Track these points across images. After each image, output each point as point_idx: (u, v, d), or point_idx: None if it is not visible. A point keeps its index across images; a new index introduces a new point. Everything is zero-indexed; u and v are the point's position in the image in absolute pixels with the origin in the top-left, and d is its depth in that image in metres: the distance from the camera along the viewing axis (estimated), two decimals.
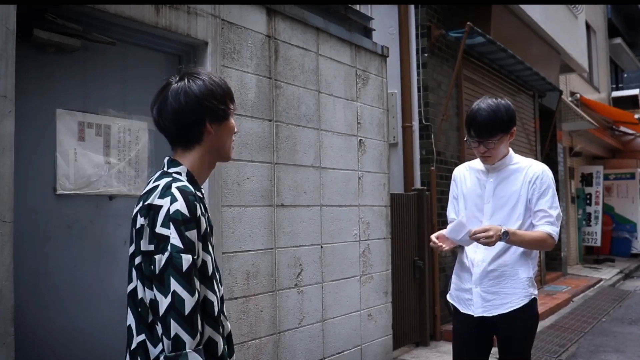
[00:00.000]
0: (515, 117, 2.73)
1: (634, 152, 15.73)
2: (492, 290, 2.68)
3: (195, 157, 1.70)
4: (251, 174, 3.61)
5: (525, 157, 2.84)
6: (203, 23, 3.32)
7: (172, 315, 1.48)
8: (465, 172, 2.91)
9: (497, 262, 2.68)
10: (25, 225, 2.58)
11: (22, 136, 2.51)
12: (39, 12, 2.58)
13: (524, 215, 2.68)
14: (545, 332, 6.48)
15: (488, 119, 2.63)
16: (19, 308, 2.36)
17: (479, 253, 2.72)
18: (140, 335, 1.59)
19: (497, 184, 2.74)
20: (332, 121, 4.32)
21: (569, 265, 11.71)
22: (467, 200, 2.83)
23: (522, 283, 2.67)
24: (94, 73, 2.91)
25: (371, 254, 4.69)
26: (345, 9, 4.66)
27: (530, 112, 9.51)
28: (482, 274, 2.70)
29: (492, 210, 2.72)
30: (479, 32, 6.33)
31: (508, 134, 2.69)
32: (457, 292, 2.84)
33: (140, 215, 1.59)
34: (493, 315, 2.67)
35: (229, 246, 3.41)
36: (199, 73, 1.71)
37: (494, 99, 2.73)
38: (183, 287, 1.50)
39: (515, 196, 2.69)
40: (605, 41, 16.17)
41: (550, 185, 2.68)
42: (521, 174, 2.71)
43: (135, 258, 1.60)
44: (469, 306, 2.75)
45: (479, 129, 2.65)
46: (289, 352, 3.84)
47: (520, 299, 2.66)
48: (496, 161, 2.73)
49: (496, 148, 2.67)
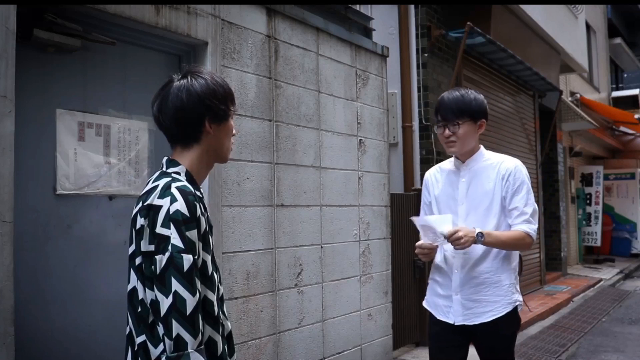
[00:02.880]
0: (486, 110, 2.63)
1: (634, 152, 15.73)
2: (473, 297, 2.56)
3: (194, 157, 1.70)
4: (251, 174, 3.61)
5: (497, 153, 2.72)
6: (203, 23, 3.32)
7: (174, 315, 1.48)
8: (437, 174, 2.80)
9: (478, 268, 2.56)
10: (25, 225, 2.58)
11: (22, 136, 2.52)
12: (39, 12, 2.58)
13: (499, 215, 2.57)
14: (545, 332, 6.49)
15: (454, 100, 2.57)
16: (19, 308, 2.36)
17: (457, 258, 2.60)
18: (141, 336, 1.58)
19: (469, 183, 2.64)
20: (332, 121, 4.32)
21: (569, 265, 11.71)
22: (440, 203, 2.71)
23: (504, 290, 2.55)
24: (94, 73, 2.91)
25: (371, 254, 4.69)
26: (345, 9, 4.66)
27: (530, 112, 9.51)
28: (462, 280, 2.58)
29: (466, 212, 2.61)
30: (479, 32, 6.33)
31: (476, 124, 2.59)
32: (435, 299, 2.71)
33: (140, 216, 1.58)
34: (475, 324, 2.56)
35: (229, 246, 3.41)
36: (201, 72, 1.71)
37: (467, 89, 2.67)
38: (184, 287, 1.49)
39: (490, 195, 2.58)
40: (605, 41, 16.17)
41: (524, 181, 2.57)
42: (494, 171, 2.60)
43: (136, 258, 1.60)
44: (446, 314, 2.63)
45: (444, 110, 2.58)
46: (289, 352, 3.84)
47: (504, 307, 2.54)
48: (462, 150, 2.61)
49: (462, 135, 2.56)
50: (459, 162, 2.69)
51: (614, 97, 16.67)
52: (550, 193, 10.65)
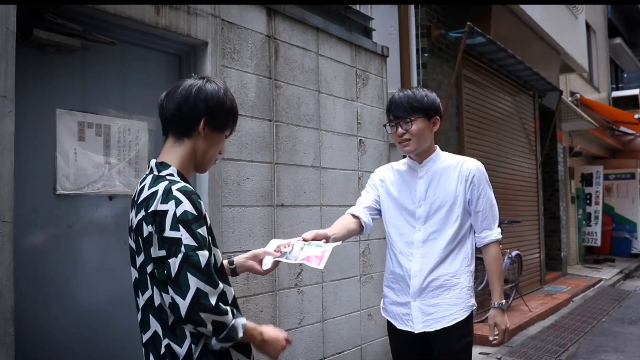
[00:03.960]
0: (439, 107, 2.51)
1: (634, 152, 15.73)
2: (432, 302, 2.45)
3: (183, 154, 1.74)
4: (251, 174, 3.61)
5: (453, 154, 2.62)
6: (203, 23, 3.32)
7: (199, 309, 1.53)
8: (389, 174, 2.65)
9: (437, 271, 2.45)
10: (25, 225, 2.58)
11: (22, 136, 2.52)
12: (39, 12, 2.58)
13: (461, 218, 2.47)
14: (545, 332, 6.49)
15: (405, 97, 2.46)
16: (19, 308, 2.36)
17: (415, 262, 2.48)
18: (166, 339, 1.63)
19: (428, 184, 2.51)
20: (332, 121, 4.32)
21: (569, 265, 11.71)
22: (396, 206, 2.57)
23: (464, 293, 2.47)
24: (94, 73, 2.91)
25: (371, 254, 4.69)
26: (345, 9, 4.66)
27: (530, 112, 9.51)
28: (421, 285, 2.46)
29: (425, 214, 2.49)
30: (479, 32, 6.33)
31: (429, 121, 2.47)
32: (392, 307, 2.59)
33: (146, 224, 1.60)
34: (435, 329, 2.44)
35: (229, 246, 3.41)
36: (217, 82, 1.80)
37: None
38: (205, 282, 1.54)
39: (451, 197, 2.47)
40: (605, 41, 16.17)
41: (487, 181, 2.52)
42: (454, 172, 2.50)
43: (147, 267, 1.63)
44: (406, 322, 2.51)
45: (396, 108, 2.46)
46: (289, 352, 3.84)
47: (464, 310, 2.46)
48: (418, 149, 2.48)
49: (416, 132, 2.43)
50: (415, 163, 2.56)
51: (614, 97, 16.66)
52: (550, 193, 10.65)
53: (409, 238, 2.53)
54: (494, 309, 2.51)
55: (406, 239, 2.53)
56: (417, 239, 2.51)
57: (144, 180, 1.73)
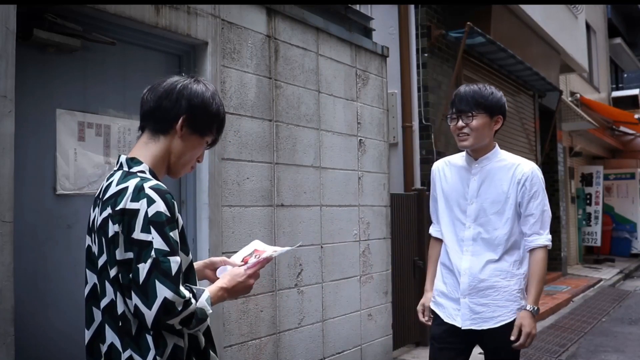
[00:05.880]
0: (504, 108, 2.52)
1: (634, 152, 15.73)
2: (482, 302, 2.47)
3: (157, 152, 1.63)
4: (251, 174, 3.61)
5: (512, 154, 2.61)
6: (203, 23, 3.32)
7: (167, 319, 1.43)
8: (445, 167, 2.67)
9: (486, 271, 2.47)
10: (25, 225, 2.58)
11: (22, 136, 2.51)
12: (39, 12, 2.58)
13: (512, 221, 2.46)
14: (545, 332, 6.48)
15: (470, 92, 2.47)
16: (19, 308, 2.36)
17: (464, 260, 2.50)
18: (127, 351, 1.49)
19: (481, 182, 2.51)
20: (332, 121, 4.32)
21: (569, 265, 11.70)
22: (449, 200, 2.59)
23: (514, 295, 2.47)
24: (94, 73, 2.91)
25: (371, 254, 4.69)
26: (345, 9, 4.66)
27: (530, 112, 9.51)
28: (470, 284, 2.49)
29: (476, 212, 2.49)
30: (479, 32, 6.34)
31: (491, 119, 2.48)
32: (442, 300, 2.61)
33: (112, 222, 1.47)
34: (482, 328, 2.48)
35: (229, 246, 3.41)
36: (208, 84, 1.70)
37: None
38: (174, 292, 1.41)
39: (503, 198, 2.47)
40: (605, 41, 16.17)
41: (541, 186, 2.49)
42: (508, 173, 2.49)
43: (110, 270, 1.49)
44: (454, 317, 2.54)
45: (459, 101, 2.47)
46: (289, 352, 3.84)
47: (513, 313, 2.47)
48: (475, 145, 2.49)
49: (476, 127, 2.44)
50: (471, 159, 2.56)
51: (614, 97, 16.67)
52: (551, 193, 10.58)
53: (459, 235, 2.55)
54: (525, 311, 2.45)
55: (456, 235, 2.56)
56: (466, 236, 2.52)
57: (111, 176, 1.59)
